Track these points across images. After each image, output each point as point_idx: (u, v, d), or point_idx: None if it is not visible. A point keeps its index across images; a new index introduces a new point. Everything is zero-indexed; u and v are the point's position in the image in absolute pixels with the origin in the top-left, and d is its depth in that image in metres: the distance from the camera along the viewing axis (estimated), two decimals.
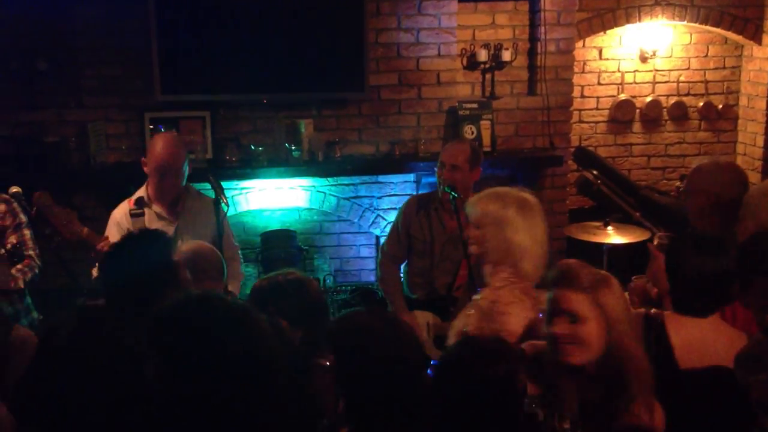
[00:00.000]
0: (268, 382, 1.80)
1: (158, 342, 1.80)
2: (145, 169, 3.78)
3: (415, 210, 4.21)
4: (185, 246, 3.16)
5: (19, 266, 3.66)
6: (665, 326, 2.59)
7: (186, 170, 3.80)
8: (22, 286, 3.63)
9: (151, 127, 4.96)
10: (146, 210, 3.72)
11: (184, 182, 3.83)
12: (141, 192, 3.81)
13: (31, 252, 3.73)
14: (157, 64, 4.82)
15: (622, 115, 6.23)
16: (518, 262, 2.79)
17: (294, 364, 2.02)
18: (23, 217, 3.73)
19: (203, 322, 1.81)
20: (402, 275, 4.42)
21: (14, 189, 3.85)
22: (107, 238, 3.54)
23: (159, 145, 3.74)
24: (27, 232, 3.75)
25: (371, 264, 5.38)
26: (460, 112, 5.25)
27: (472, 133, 5.22)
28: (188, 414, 1.74)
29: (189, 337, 1.79)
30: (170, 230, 3.66)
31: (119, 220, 3.73)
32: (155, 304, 2.26)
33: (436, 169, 4.13)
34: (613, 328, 2.23)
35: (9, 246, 3.59)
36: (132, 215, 3.65)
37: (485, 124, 5.27)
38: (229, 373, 1.74)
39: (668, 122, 6.34)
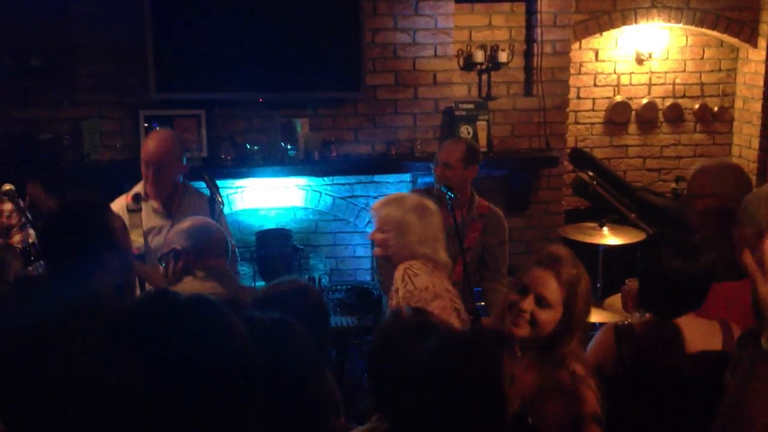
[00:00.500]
0: (237, 382, 1.75)
1: (123, 344, 1.75)
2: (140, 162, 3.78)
3: None
4: (186, 222, 3.09)
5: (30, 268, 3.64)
6: (635, 331, 2.58)
7: (181, 167, 3.79)
8: None
9: (146, 125, 4.94)
10: (143, 205, 3.71)
11: (180, 179, 3.81)
12: (138, 188, 3.80)
13: None
14: (152, 61, 4.80)
15: (617, 116, 6.24)
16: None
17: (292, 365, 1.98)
18: (29, 216, 3.72)
19: (163, 323, 1.76)
20: None
21: (7, 186, 3.83)
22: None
23: (151, 140, 3.77)
24: (32, 232, 3.74)
25: (367, 263, 5.37)
26: (457, 113, 5.24)
27: (469, 133, 5.21)
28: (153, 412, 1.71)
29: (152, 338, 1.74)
30: (166, 226, 3.65)
31: (116, 214, 3.71)
32: (94, 271, 2.37)
33: (432, 166, 4.12)
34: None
35: (21, 245, 3.58)
36: (129, 210, 3.64)
37: (481, 124, 5.27)
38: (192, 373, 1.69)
39: (664, 124, 6.35)
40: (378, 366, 2.17)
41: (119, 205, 3.72)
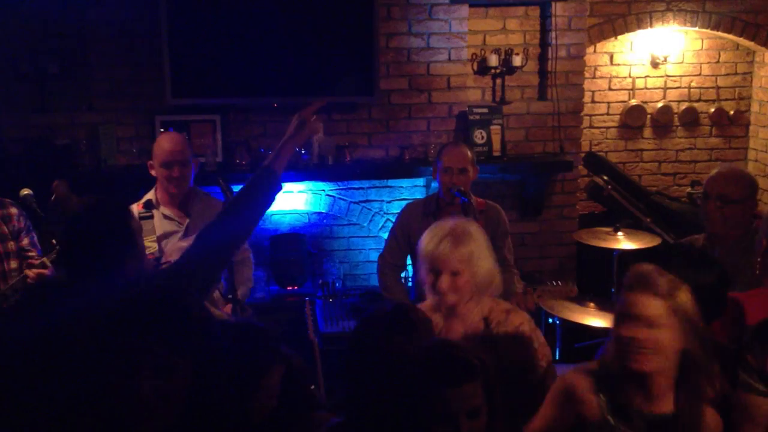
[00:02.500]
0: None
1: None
2: (152, 171, 3.80)
3: (419, 215, 4.18)
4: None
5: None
6: None
7: (192, 168, 3.82)
8: None
9: (162, 130, 4.97)
10: (154, 212, 3.74)
11: (191, 182, 3.84)
12: (149, 195, 3.82)
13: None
14: (168, 67, 4.83)
15: (632, 120, 6.22)
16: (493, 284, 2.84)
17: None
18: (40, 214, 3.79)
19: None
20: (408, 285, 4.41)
21: (25, 191, 3.88)
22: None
23: (165, 141, 3.80)
24: (35, 235, 3.77)
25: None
26: (470, 117, 5.24)
27: (482, 137, 5.21)
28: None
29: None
30: (180, 232, 3.67)
31: None
32: (114, 275, 2.37)
33: (436, 174, 4.11)
34: (687, 337, 2.20)
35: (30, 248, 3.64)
36: (141, 217, 3.66)
37: (495, 129, 5.26)
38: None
39: (679, 128, 6.32)
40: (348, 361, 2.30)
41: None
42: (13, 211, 3.72)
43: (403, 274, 4.40)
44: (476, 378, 2.04)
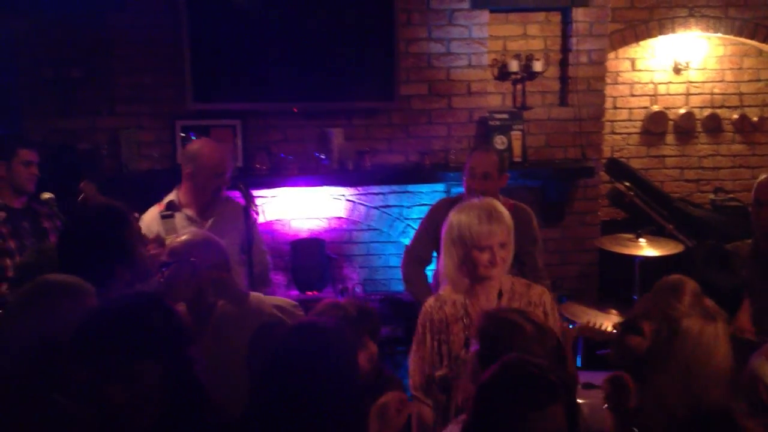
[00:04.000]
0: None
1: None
2: (188, 174, 3.78)
3: (445, 213, 4.18)
4: (190, 235, 3.03)
5: None
6: None
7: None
8: None
9: (183, 135, 4.99)
10: (177, 213, 3.75)
11: None
12: (171, 196, 3.83)
13: None
14: (189, 72, 4.85)
15: (655, 126, 6.17)
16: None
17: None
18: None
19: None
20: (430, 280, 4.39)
21: (47, 195, 3.91)
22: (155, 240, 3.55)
23: (215, 150, 3.79)
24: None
25: (400, 273, 5.36)
26: (491, 123, 5.22)
27: (503, 143, 5.19)
28: None
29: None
30: None
31: (149, 223, 3.75)
32: (105, 281, 2.39)
33: (463, 177, 4.09)
34: None
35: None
36: (163, 217, 3.67)
37: (516, 134, 5.24)
38: None
39: (702, 134, 6.27)
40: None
41: (151, 214, 3.77)
42: (45, 209, 3.81)
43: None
44: (559, 399, 1.89)
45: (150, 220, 3.75)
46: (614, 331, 2.70)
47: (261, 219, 4.97)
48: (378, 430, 2.19)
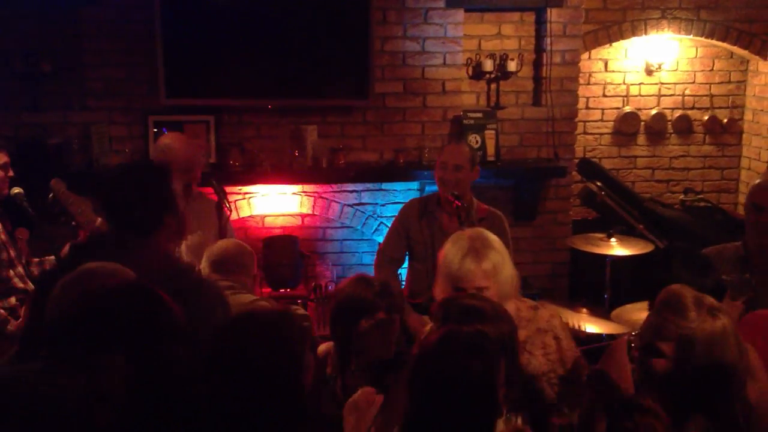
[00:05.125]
0: None
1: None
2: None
3: (417, 213, 4.22)
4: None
5: None
6: None
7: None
8: None
9: (155, 130, 4.95)
10: None
11: None
12: None
13: None
14: (162, 67, 4.82)
15: (626, 127, 6.23)
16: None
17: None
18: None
19: None
20: (402, 282, 4.41)
21: (16, 190, 3.86)
22: None
23: (180, 142, 3.78)
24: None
25: (373, 273, 5.37)
26: (465, 122, 5.24)
27: (477, 142, 5.21)
28: None
29: None
30: None
31: None
32: (158, 232, 2.54)
33: (435, 172, 4.11)
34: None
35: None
36: None
37: (490, 133, 5.26)
38: None
39: (673, 135, 6.33)
40: None
41: None
42: None
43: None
44: (492, 353, 1.99)
45: None
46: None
47: (234, 216, 4.94)
48: (354, 424, 2.24)
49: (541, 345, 2.74)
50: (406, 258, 4.37)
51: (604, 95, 6.20)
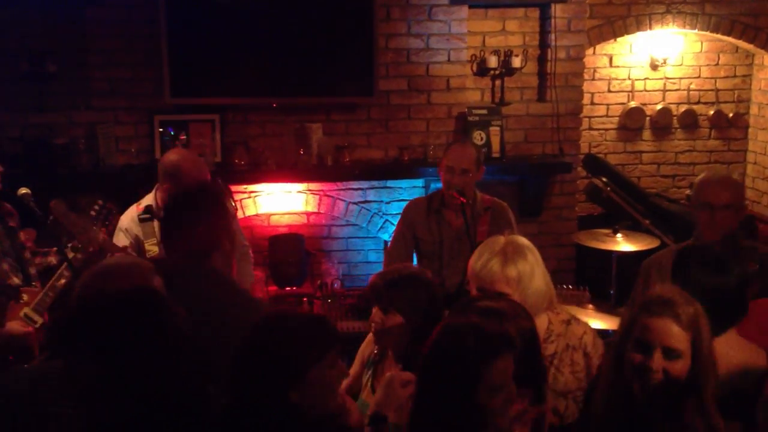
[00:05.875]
0: None
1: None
2: (166, 186, 3.73)
3: (423, 212, 4.21)
4: None
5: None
6: None
7: None
8: None
9: (161, 129, 4.97)
10: (155, 220, 3.72)
11: None
12: (149, 199, 3.79)
13: None
14: (166, 67, 4.83)
15: (632, 122, 6.22)
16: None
17: None
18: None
19: None
20: None
21: (23, 190, 3.86)
22: (126, 248, 3.55)
23: (188, 163, 3.68)
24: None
25: (379, 268, 5.36)
26: (470, 118, 5.24)
27: (482, 139, 5.21)
28: None
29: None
30: None
31: (127, 226, 3.74)
32: (215, 254, 2.61)
33: (440, 172, 4.11)
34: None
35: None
36: (141, 220, 3.65)
37: (494, 130, 5.26)
38: None
39: (678, 130, 6.32)
40: None
41: (129, 216, 3.75)
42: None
43: None
44: (508, 350, 1.90)
45: (128, 222, 3.74)
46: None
47: (239, 214, 4.96)
48: (379, 400, 2.24)
49: (569, 362, 2.67)
50: (414, 258, 4.37)
51: (609, 90, 6.20)
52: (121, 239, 3.70)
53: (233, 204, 3.75)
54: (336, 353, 2.09)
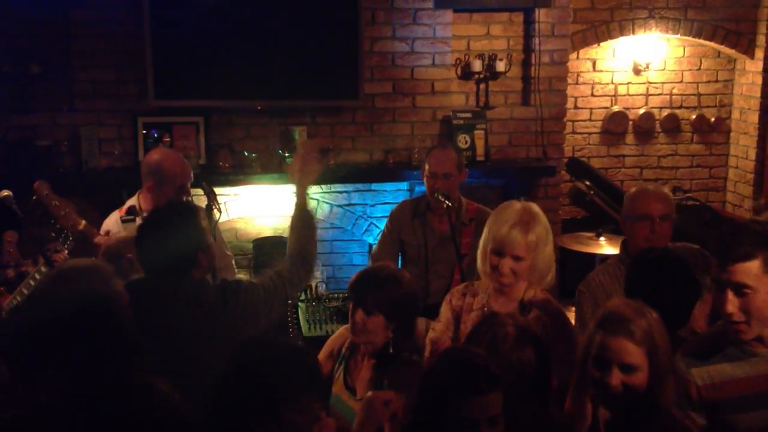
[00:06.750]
0: None
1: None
2: (149, 185, 3.72)
3: (409, 216, 4.22)
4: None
5: None
6: None
7: None
8: None
9: (144, 132, 4.95)
10: (137, 218, 3.70)
11: None
12: (132, 201, 3.78)
13: None
14: (150, 68, 4.81)
15: (615, 126, 6.25)
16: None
17: None
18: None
19: None
20: None
21: (5, 193, 3.82)
22: (107, 232, 3.52)
23: (170, 161, 3.70)
24: None
25: None
26: (454, 122, 5.25)
27: (466, 142, 5.23)
28: None
29: None
30: None
31: (110, 228, 3.72)
32: (193, 270, 2.67)
33: (423, 177, 4.13)
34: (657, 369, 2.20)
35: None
36: (123, 221, 3.63)
37: (479, 133, 5.28)
38: None
39: (661, 134, 6.36)
40: None
41: (112, 219, 3.73)
42: None
43: None
44: (499, 387, 2.05)
45: (111, 224, 3.72)
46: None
47: (224, 217, 4.94)
48: (361, 421, 2.25)
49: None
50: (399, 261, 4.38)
51: (593, 95, 6.23)
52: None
53: (218, 207, 3.73)
54: (312, 397, 2.01)
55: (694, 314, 2.81)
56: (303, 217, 3.09)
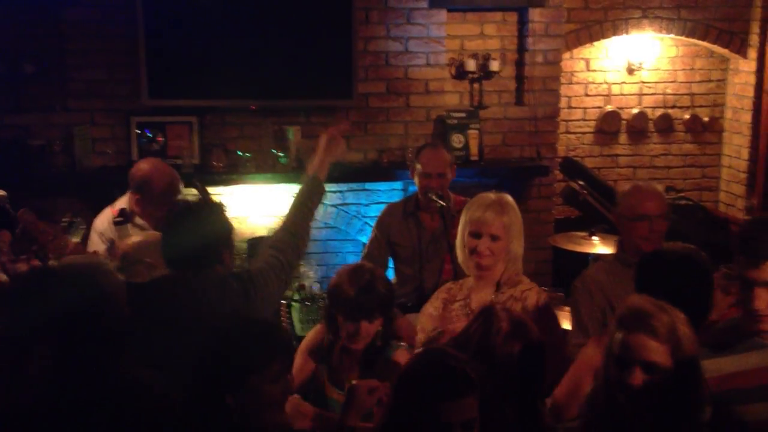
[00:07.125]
0: None
1: None
2: (137, 198, 3.71)
3: (399, 217, 4.23)
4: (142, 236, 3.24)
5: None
6: None
7: None
8: None
9: (138, 131, 4.95)
10: (129, 225, 3.69)
11: None
12: (123, 203, 3.77)
13: None
14: (144, 68, 4.81)
15: (608, 126, 6.27)
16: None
17: None
18: None
19: None
20: None
21: None
22: (96, 252, 3.52)
23: (158, 174, 3.75)
24: None
25: None
26: (448, 121, 5.26)
27: (460, 142, 5.23)
28: None
29: None
30: None
31: (102, 229, 3.72)
32: (214, 268, 2.69)
33: (413, 176, 4.13)
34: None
35: None
36: (115, 223, 3.62)
37: (473, 133, 5.28)
38: None
39: (654, 134, 6.37)
40: None
41: (104, 218, 3.72)
42: None
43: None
44: (474, 391, 2.02)
45: (103, 225, 3.71)
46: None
47: None
48: (347, 409, 2.35)
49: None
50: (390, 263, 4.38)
51: (586, 94, 6.24)
52: (95, 242, 3.68)
53: None
54: (283, 368, 2.11)
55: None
56: (312, 192, 3.16)
